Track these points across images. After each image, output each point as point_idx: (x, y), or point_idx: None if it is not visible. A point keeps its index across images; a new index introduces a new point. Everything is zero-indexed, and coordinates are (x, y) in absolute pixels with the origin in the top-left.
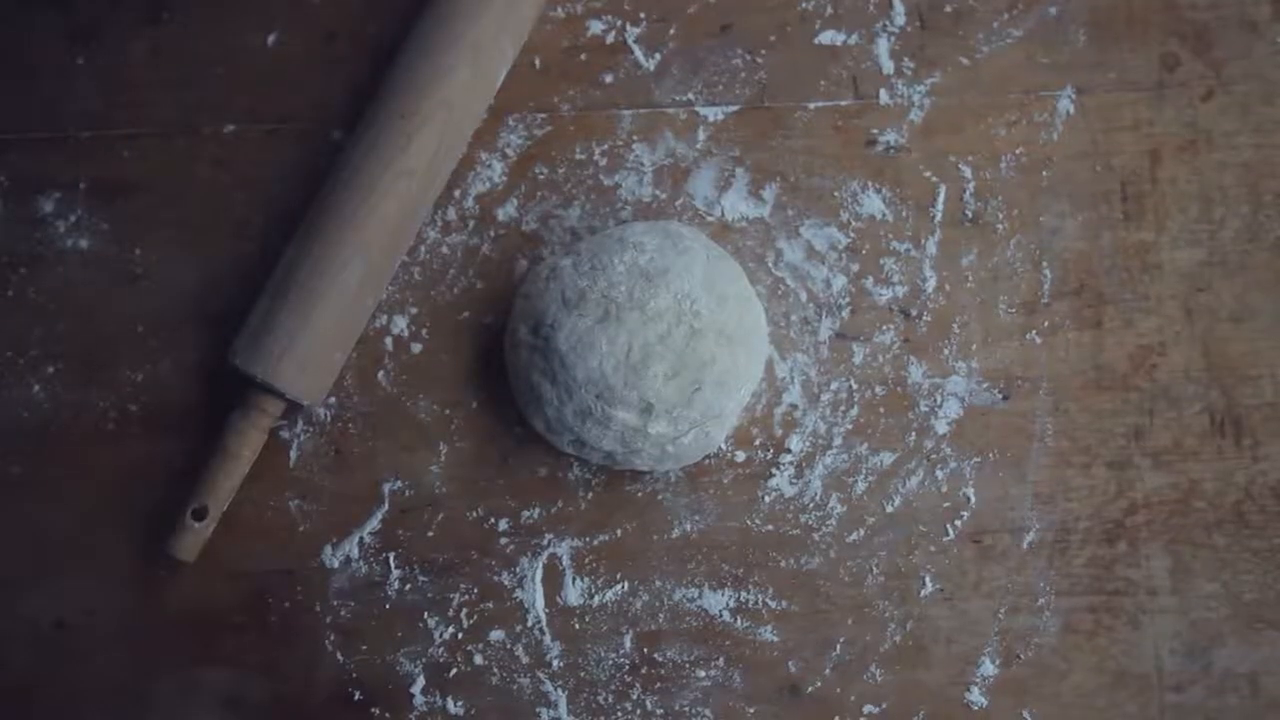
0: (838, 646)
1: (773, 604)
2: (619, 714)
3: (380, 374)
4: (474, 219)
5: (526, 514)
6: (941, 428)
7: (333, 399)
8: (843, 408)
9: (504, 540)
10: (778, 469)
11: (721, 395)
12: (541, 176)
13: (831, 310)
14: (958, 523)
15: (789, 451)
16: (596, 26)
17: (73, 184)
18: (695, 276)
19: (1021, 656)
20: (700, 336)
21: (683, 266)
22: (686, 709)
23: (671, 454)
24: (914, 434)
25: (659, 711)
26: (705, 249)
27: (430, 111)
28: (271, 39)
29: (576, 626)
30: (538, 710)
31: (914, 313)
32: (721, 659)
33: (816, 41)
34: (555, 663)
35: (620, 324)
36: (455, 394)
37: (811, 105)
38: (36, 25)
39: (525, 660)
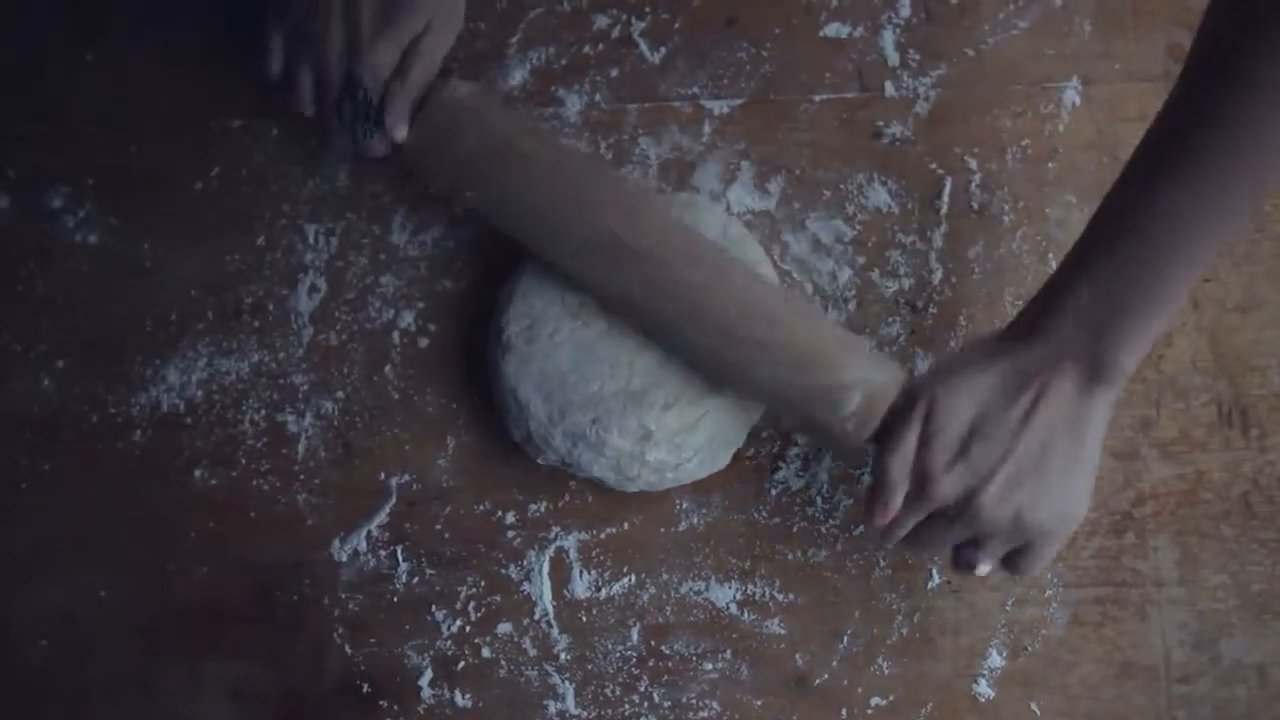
0: (845, 639)
1: (780, 596)
2: (626, 706)
3: (388, 368)
4: None
5: (533, 507)
6: None
7: (340, 393)
8: None
9: (511, 533)
10: (785, 462)
11: (731, 418)
12: None
13: (838, 303)
14: None
15: (796, 444)
16: (602, 21)
17: (81, 179)
18: None
19: (1029, 648)
20: None
21: None
22: (694, 701)
23: (671, 480)
24: None
25: (666, 704)
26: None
27: None
28: None
29: (584, 619)
30: (545, 702)
31: (920, 305)
32: (729, 651)
33: (821, 34)
34: (563, 655)
35: (622, 340)
36: (462, 388)
37: (817, 98)
38: (45, 23)
39: (533, 653)
